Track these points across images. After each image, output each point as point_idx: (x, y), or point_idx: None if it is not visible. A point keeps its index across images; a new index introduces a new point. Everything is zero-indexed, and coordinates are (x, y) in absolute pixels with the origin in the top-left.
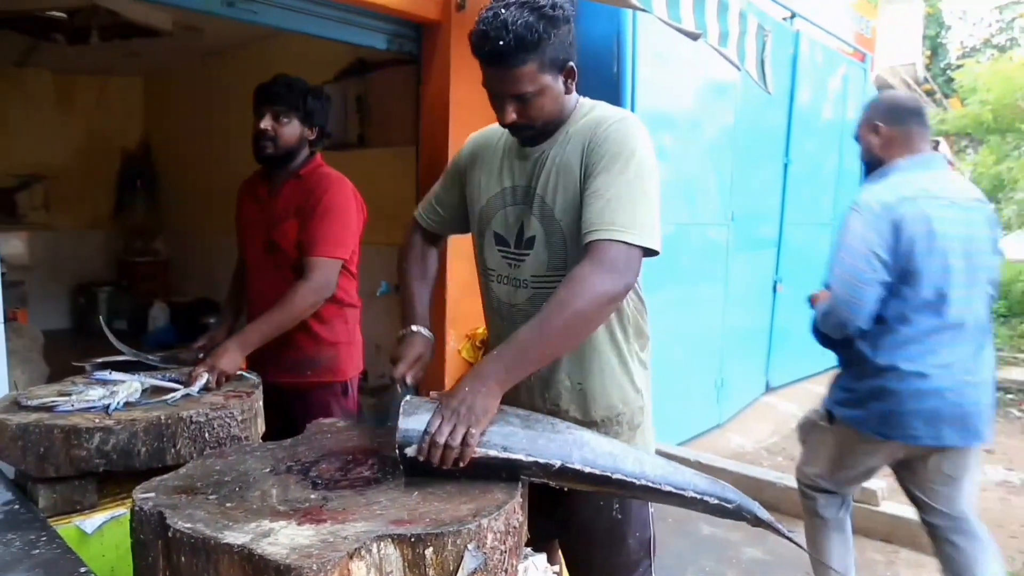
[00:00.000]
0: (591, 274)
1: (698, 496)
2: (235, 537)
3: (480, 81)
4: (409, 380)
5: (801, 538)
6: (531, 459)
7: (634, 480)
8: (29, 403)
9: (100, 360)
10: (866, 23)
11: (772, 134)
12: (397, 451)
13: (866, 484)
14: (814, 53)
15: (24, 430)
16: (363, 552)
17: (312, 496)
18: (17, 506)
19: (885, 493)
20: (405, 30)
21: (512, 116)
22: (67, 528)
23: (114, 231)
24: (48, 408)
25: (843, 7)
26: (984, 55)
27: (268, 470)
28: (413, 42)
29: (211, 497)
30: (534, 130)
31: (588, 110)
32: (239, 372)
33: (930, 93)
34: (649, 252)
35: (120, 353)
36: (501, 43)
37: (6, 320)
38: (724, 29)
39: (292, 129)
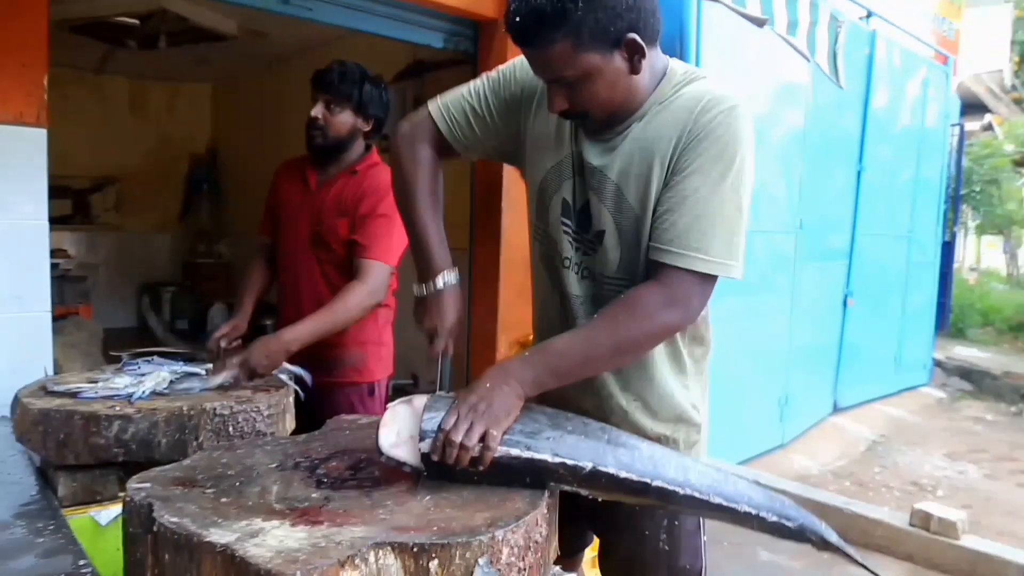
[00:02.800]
0: (657, 304)
1: (753, 511)
2: (220, 535)
3: None
4: (450, 351)
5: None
6: (558, 460)
7: (677, 489)
8: (56, 388)
9: (137, 351)
10: (949, 25)
11: (845, 139)
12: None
13: (944, 515)
14: (892, 54)
15: (45, 415)
16: (357, 561)
17: (314, 495)
18: (34, 493)
19: (966, 525)
20: (461, 28)
21: (562, 104)
22: (82, 519)
23: (180, 233)
24: (72, 394)
25: (924, 8)
26: None
27: (275, 465)
28: (470, 40)
29: (208, 491)
30: (594, 120)
31: (683, 79)
32: (288, 369)
33: (1019, 102)
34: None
35: (160, 347)
36: (519, 19)
37: (54, 307)
38: (793, 18)
39: (344, 119)
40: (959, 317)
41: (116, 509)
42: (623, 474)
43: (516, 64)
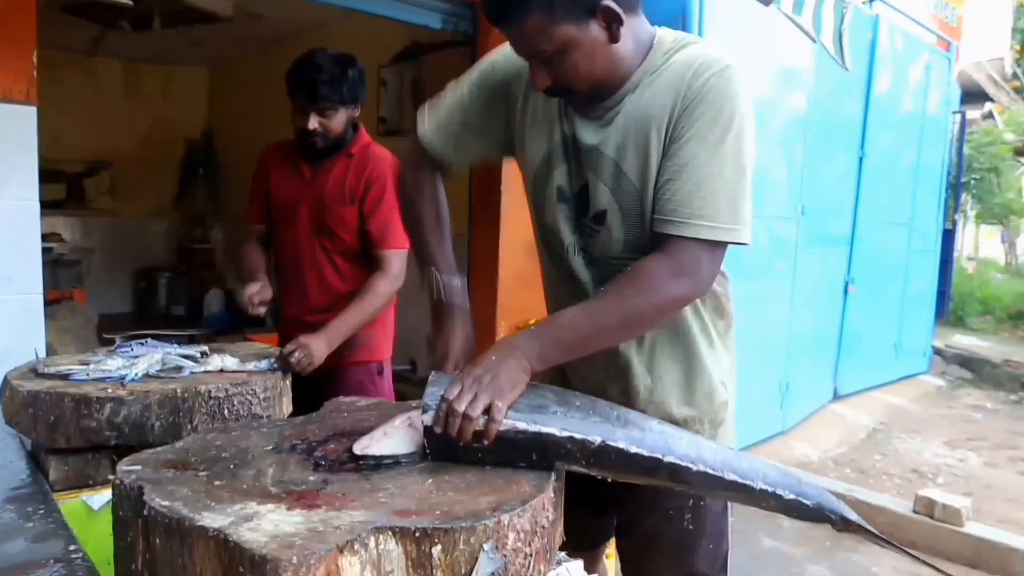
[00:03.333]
0: (664, 275)
1: (769, 489)
2: (213, 519)
3: None
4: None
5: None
6: (566, 434)
7: (689, 465)
8: (46, 371)
9: (131, 333)
10: (952, 10)
11: (847, 124)
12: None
13: (949, 502)
14: (894, 39)
15: (35, 397)
16: (356, 546)
17: (311, 478)
18: (24, 477)
19: (970, 512)
20: (460, 9)
21: (544, 81)
22: (74, 503)
23: (175, 218)
24: (63, 376)
25: None
26: None
27: (270, 448)
28: (469, 21)
29: (201, 474)
30: (580, 94)
31: (673, 47)
32: None
33: (1019, 90)
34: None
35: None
36: None
37: (47, 291)
38: None
39: (340, 118)
40: (958, 305)
41: (108, 493)
42: (633, 449)
43: (496, 57)
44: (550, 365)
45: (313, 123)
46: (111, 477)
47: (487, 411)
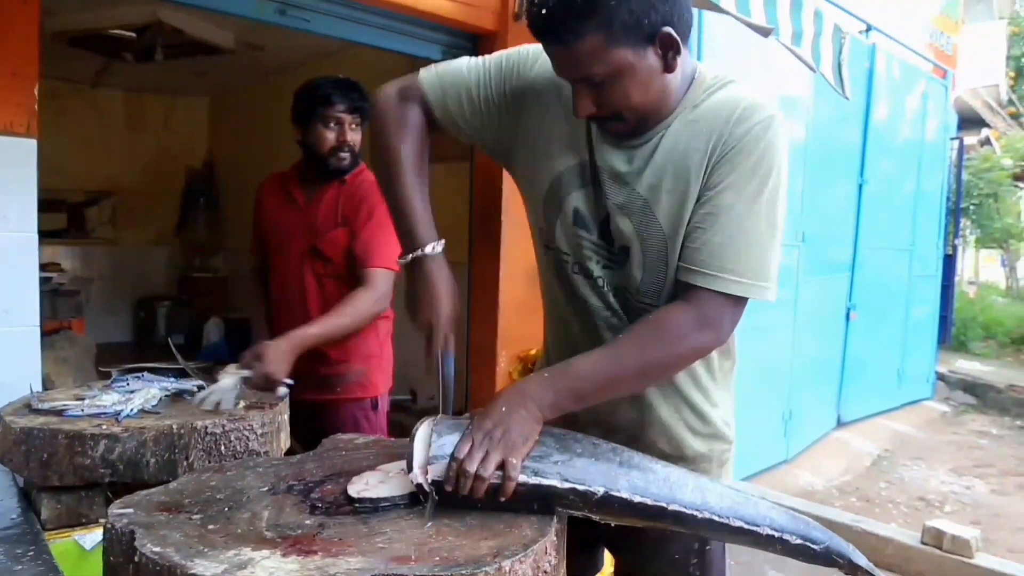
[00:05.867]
0: (688, 326)
1: (776, 534)
2: (206, 567)
3: None
4: (451, 348)
5: None
6: (568, 485)
7: (695, 513)
8: (40, 406)
9: (128, 367)
10: (947, 39)
11: (846, 152)
12: (411, 475)
13: (958, 532)
14: (891, 68)
15: (28, 434)
16: None
17: (307, 521)
18: (15, 516)
19: (980, 543)
20: (460, 41)
21: (589, 108)
22: (66, 543)
23: (176, 247)
24: (58, 412)
25: (922, 22)
26: None
27: (266, 489)
28: (468, 53)
29: (195, 517)
30: (626, 123)
31: (714, 85)
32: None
33: (1015, 116)
34: None
35: (154, 362)
36: (545, 11)
37: (45, 321)
38: (798, 28)
39: (361, 133)
40: (961, 330)
41: (101, 532)
42: (637, 499)
43: (531, 55)
44: (562, 414)
45: (354, 136)
46: (103, 520)
47: (501, 467)
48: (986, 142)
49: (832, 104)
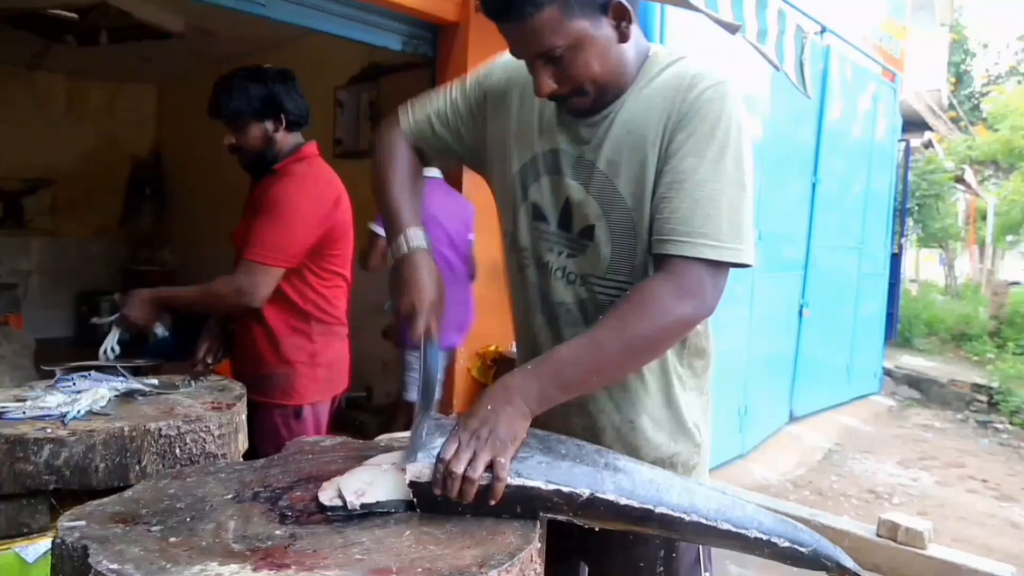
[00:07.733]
0: (668, 296)
1: (764, 537)
2: None
3: None
4: (435, 335)
5: None
6: (552, 487)
7: (682, 516)
8: None
9: (72, 365)
10: (895, 42)
11: (801, 151)
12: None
13: (912, 525)
14: (844, 69)
15: None
16: None
17: (277, 532)
18: None
19: (931, 535)
20: (421, 31)
21: (550, 84)
22: (6, 556)
23: (120, 239)
24: None
25: (872, 26)
26: (1009, 83)
27: (231, 496)
28: (428, 43)
29: (154, 529)
30: (587, 96)
31: (667, 60)
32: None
33: (955, 120)
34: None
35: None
36: None
37: None
38: (763, 26)
39: (252, 132)
40: (905, 327)
41: (46, 543)
42: (623, 501)
43: (491, 66)
44: (551, 406)
45: (227, 139)
46: (52, 525)
47: (489, 467)
48: (929, 144)
49: (788, 104)
